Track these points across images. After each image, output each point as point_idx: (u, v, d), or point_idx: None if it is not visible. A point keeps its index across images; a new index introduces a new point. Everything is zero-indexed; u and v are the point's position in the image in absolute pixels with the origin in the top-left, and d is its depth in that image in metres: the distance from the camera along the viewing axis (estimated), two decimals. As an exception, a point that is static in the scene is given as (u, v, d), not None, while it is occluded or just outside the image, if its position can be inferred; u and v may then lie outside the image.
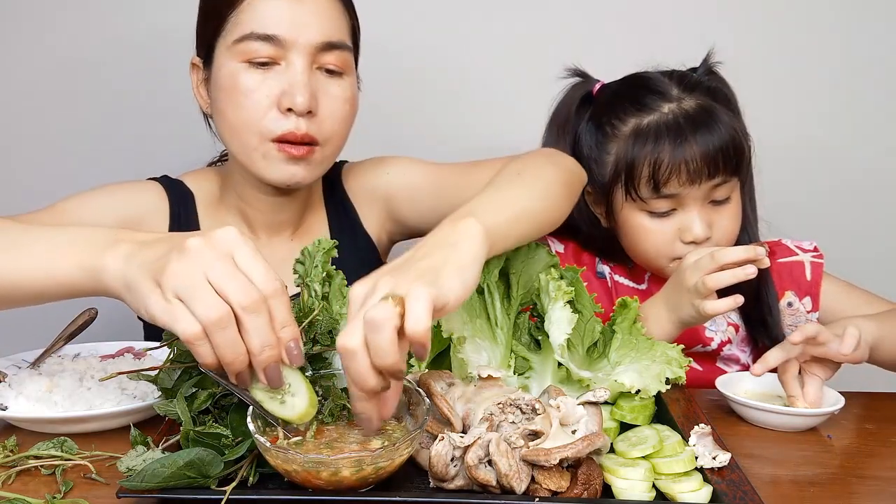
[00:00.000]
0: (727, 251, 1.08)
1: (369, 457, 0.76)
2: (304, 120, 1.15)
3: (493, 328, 1.01)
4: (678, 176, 1.21)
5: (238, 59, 1.15)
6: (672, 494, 0.81)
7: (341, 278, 1.07)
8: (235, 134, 1.17)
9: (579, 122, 1.35)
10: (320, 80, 1.18)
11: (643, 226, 1.28)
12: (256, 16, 1.14)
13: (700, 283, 1.08)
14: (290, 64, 1.15)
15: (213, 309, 0.74)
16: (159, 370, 0.90)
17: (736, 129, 1.24)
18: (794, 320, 1.34)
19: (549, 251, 1.06)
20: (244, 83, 1.15)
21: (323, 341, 0.95)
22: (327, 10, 1.18)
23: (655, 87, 1.28)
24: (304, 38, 1.15)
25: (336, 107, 1.19)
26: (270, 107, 1.15)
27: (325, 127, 1.18)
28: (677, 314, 1.14)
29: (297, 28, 1.14)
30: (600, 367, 1.03)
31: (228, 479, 0.80)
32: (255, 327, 0.76)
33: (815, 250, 1.38)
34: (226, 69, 1.16)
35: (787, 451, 0.99)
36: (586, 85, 1.38)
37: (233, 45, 1.15)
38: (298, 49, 1.15)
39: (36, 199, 1.21)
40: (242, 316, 0.75)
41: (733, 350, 1.35)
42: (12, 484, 0.85)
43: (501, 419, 0.83)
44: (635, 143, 1.24)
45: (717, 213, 1.26)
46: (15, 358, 1.14)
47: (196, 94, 1.26)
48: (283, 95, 1.14)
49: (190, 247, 0.76)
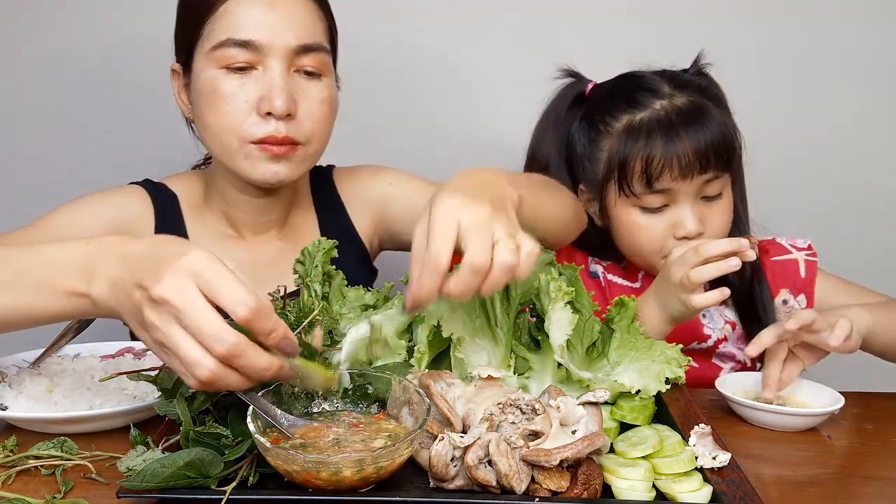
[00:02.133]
0: (711, 244, 1.09)
1: (369, 457, 0.76)
2: (283, 123, 1.16)
3: (492, 328, 1.01)
4: (670, 171, 1.22)
5: (216, 66, 1.16)
6: (672, 494, 0.81)
7: (341, 278, 1.07)
8: (216, 137, 1.19)
9: (572, 121, 1.37)
10: (299, 83, 1.19)
11: (636, 222, 1.29)
12: (232, 22, 1.16)
13: (685, 277, 1.09)
14: (268, 69, 1.16)
15: (203, 370, 0.75)
16: (159, 370, 0.90)
17: (726, 125, 1.26)
18: (790, 317, 1.34)
19: (546, 250, 1.06)
20: (223, 88, 1.16)
21: (323, 341, 0.95)
22: (302, 13, 1.19)
23: (647, 85, 1.30)
24: (281, 42, 1.16)
25: (314, 108, 1.20)
26: (249, 111, 1.16)
27: (304, 128, 1.19)
28: (667, 310, 1.15)
29: (273, 33, 1.15)
30: (600, 367, 1.03)
31: (228, 479, 0.79)
32: (246, 365, 0.76)
33: (809, 248, 1.39)
34: (205, 75, 1.17)
35: (787, 451, 0.99)
36: (579, 85, 1.39)
37: (210, 51, 1.16)
38: (275, 53, 1.16)
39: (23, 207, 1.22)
40: (231, 362, 0.75)
41: (729, 347, 1.36)
42: (12, 484, 0.85)
43: (501, 419, 0.83)
44: (628, 139, 1.26)
45: (708, 209, 1.27)
46: (15, 358, 1.14)
47: (177, 99, 1.27)
48: (261, 100, 1.15)
49: (157, 296, 0.75)
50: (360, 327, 1.00)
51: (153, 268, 0.76)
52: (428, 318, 0.98)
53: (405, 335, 1.03)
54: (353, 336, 0.99)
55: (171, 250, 0.78)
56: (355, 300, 1.06)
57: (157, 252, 0.79)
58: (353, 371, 0.93)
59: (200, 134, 1.24)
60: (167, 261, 0.76)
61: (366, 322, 1.01)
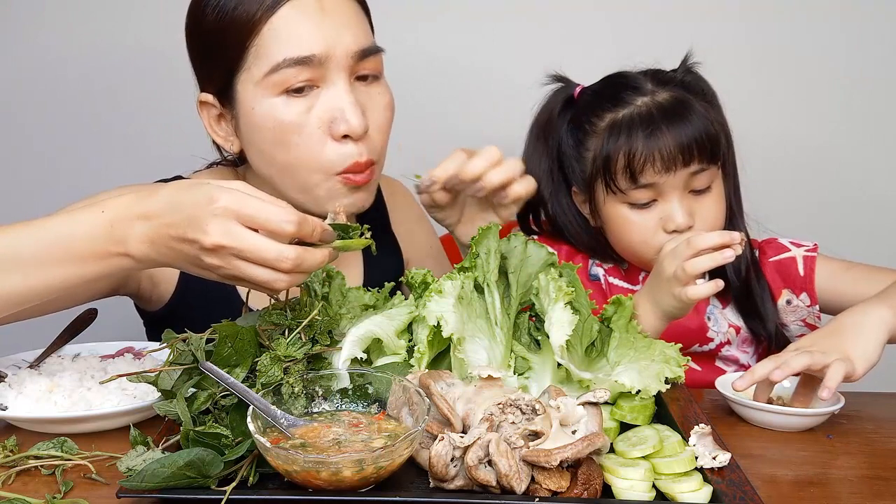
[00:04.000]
0: (703, 236, 1.09)
1: (369, 457, 0.76)
2: (362, 144, 1.09)
3: (492, 328, 1.01)
4: (652, 164, 1.23)
5: (274, 93, 1.06)
6: (672, 494, 0.81)
7: (341, 278, 1.07)
8: (290, 174, 1.11)
9: (561, 125, 1.37)
10: (361, 92, 1.11)
11: (626, 218, 1.29)
12: (284, 39, 1.05)
13: (679, 269, 1.09)
14: (331, 84, 1.07)
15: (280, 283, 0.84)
16: (159, 372, 0.90)
17: (709, 118, 1.26)
18: (797, 316, 1.35)
19: (548, 250, 1.06)
20: (289, 119, 1.07)
21: (322, 341, 0.95)
22: (351, 14, 1.11)
23: (631, 84, 1.31)
24: (340, 49, 1.06)
25: (381, 117, 1.13)
26: (323, 138, 1.08)
27: (377, 143, 1.13)
28: (660, 307, 1.14)
29: (331, 42, 1.06)
30: (599, 368, 1.03)
31: (228, 479, 0.79)
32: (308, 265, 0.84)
33: (813, 245, 1.37)
34: (261, 107, 1.07)
35: (787, 451, 0.99)
36: (567, 89, 1.39)
37: (265, 77, 1.06)
38: (336, 64, 1.07)
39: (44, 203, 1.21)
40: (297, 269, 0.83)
41: (733, 351, 1.36)
42: (12, 484, 0.85)
43: (501, 419, 0.83)
44: (610, 136, 1.26)
45: (698, 203, 1.27)
46: (15, 358, 1.14)
47: (212, 134, 1.17)
48: (333, 122, 1.07)
49: (211, 245, 0.81)
50: (360, 327, 1.00)
51: (189, 219, 0.82)
52: (428, 317, 0.98)
53: (405, 335, 1.03)
54: (354, 336, 0.99)
55: (197, 198, 0.82)
56: (355, 300, 1.06)
57: (181, 202, 0.83)
58: (353, 371, 0.93)
59: (260, 168, 1.14)
60: (201, 208, 0.81)
61: (366, 321, 1.01)
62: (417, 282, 1.08)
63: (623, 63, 1.37)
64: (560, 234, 1.40)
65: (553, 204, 1.38)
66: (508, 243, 1.07)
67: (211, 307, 1.07)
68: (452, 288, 0.99)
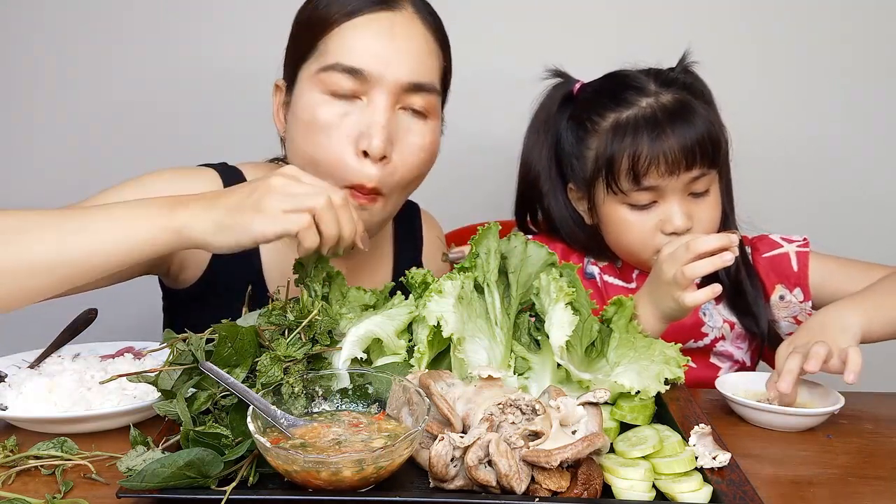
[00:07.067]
0: (702, 240, 1.09)
1: (369, 457, 0.76)
2: (377, 166, 1.10)
3: (492, 328, 1.01)
4: (657, 167, 1.23)
5: (319, 90, 1.11)
6: (672, 494, 0.81)
7: (341, 279, 1.07)
8: (311, 169, 1.10)
9: (560, 121, 1.37)
10: (402, 120, 1.13)
11: (625, 219, 1.29)
12: (344, 46, 1.09)
13: (679, 273, 1.09)
14: (372, 101, 1.10)
15: (321, 198, 0.95)
16: (159, 372, 0.90)
17: (712, 121, 1.26)
18: (789, 312, 1.35)
19: (548, 250, 1.06)
20: (323, 118, 1.10)
21: (322, 341, 0.95)
22: (420, 48, 1.12)
23: (633, 84, 1.30)
24: (392, 75, 1.09)
25: (411, 154, 1.14)
26: (348, 147, 1.10)
27: (395, 177, 1.13)
28: (660, 309, 1.14)
29: (385, 64, 1.09)
30: (599, 368, 1.03)
31: (228, 479, 0.80)
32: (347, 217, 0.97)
33: (803, 240, 1.38)
34: (305, 99, 1.12)
35: (787, 451, 0.99)
36: (566, 85, 1.39)
37: (317, 73, 1.11)
38: (383, 86, 1.09)
39: None
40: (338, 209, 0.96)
41: (727, 346, 1.36)
42: (12, 484, 0.85)
43: (501, 419, 0.83)
44: (614, 137, 1.26)
45: (696, 206, 1.28)
46: (15, 358, 1.14)
47: (275, 117, 1.22)
48: (360, 136, 1.09)
49: (277, 184, 0.95)
50: (360, 327, 1.00)
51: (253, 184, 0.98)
52: (428, 317, 0.98)
53: (405, 335, 1.03)
54: (354, 336, 0.99)
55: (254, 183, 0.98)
56: (355, 300, 1.06)
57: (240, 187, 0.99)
58: (353, 371, 0.93)
59: (290, 156, 1.19)
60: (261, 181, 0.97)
61: (366, 321, 1.01)
62: (417, 282, 1.08)
63: (623, 60, 1.37)
64: (555, 232, 1.40)
65: (548, 200, 1.38)
66: (508, 243, 1.07)
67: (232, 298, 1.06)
68: (452, 288, 0.99)
